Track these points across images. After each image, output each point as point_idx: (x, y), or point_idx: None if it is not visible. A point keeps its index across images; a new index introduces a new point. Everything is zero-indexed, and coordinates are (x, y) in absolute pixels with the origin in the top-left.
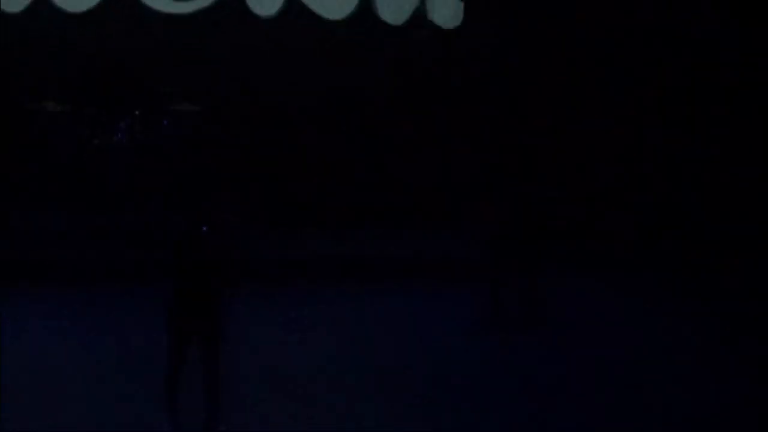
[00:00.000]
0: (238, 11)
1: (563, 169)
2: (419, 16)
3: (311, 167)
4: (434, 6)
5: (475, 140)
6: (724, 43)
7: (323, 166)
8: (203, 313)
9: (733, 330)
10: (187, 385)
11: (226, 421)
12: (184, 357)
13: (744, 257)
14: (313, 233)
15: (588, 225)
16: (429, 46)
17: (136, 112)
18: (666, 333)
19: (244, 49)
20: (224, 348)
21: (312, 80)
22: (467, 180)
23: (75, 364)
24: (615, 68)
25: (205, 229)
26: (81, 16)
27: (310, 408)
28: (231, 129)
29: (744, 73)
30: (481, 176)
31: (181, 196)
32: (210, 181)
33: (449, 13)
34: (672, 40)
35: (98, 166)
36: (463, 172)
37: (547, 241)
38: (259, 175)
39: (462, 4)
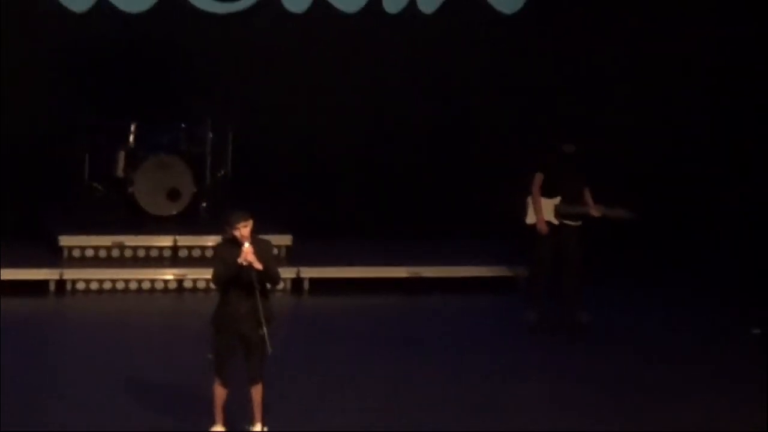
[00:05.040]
0: (275, 10)
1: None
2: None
3: (356, 173)
4: None
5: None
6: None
7: (366, 171)
8: (251, 320)
9: None
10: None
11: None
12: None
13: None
14: (355, 242)
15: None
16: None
17: (182, 125)
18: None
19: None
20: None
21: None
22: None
23: None
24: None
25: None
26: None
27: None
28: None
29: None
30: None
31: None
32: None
33: None
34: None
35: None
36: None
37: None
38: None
39: None
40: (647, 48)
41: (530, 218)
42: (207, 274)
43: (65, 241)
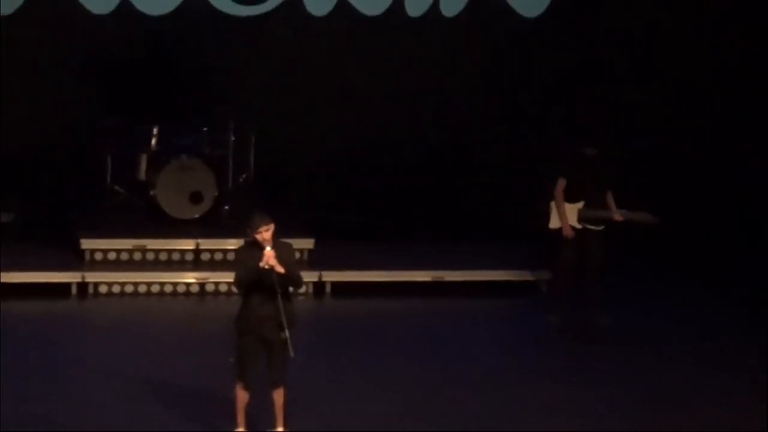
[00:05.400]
0: (298, 13)
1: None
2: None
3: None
4: None
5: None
6: None
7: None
8: (273, 324)
9: None
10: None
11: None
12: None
13: None
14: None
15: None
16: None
17: (205, 129)
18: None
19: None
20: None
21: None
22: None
23: None
24: None
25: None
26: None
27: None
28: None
29: None
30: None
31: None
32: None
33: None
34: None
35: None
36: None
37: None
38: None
39: None
40: (669, 51)
41: (553, 223)
42: (229, 277)
43: (87, 243)
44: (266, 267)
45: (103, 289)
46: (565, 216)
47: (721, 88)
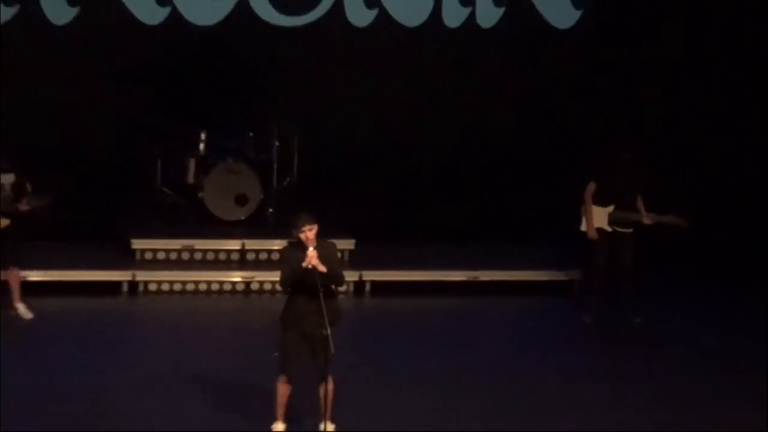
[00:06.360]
0: (340, 23)
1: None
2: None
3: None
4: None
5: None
6: None
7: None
8: (315, 320)
9: None
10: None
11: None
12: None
13: None
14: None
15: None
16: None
17: (250, 134)
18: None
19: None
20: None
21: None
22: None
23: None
24: None
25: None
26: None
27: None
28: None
29: None
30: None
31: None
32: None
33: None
34: None
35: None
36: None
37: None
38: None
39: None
40: (700, 60)
41: (584, 225)
42: (273, 276)
43: (138, 244)
44: (309, 266)
45: (152, 287)
46: (591, 219)
47: (750, 95)
